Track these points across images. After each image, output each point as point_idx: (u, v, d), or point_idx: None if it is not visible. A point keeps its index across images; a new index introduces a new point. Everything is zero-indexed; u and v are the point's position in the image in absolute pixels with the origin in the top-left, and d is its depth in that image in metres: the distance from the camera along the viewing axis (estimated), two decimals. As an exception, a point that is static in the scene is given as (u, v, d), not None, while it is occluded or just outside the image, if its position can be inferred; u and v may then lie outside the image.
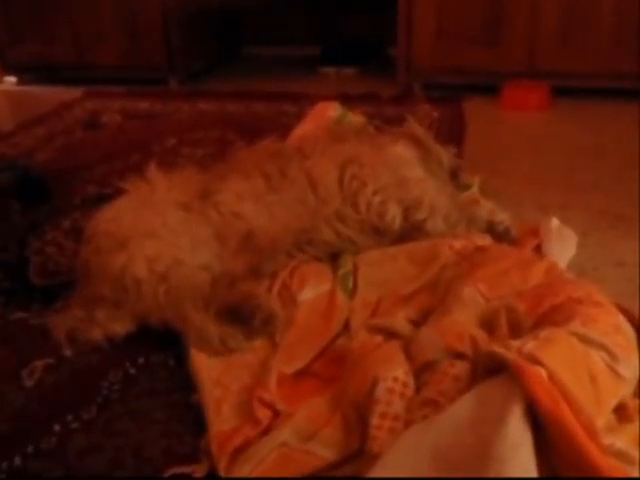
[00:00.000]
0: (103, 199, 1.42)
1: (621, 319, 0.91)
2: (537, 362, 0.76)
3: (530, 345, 0.79)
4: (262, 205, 1.25)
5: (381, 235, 1.31)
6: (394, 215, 1.30)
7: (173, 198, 1.24)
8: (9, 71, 3.00)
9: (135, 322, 1.14)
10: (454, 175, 1.50)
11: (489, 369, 0.80)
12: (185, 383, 1.03)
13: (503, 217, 1.38)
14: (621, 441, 0.78)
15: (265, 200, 1.26)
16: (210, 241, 1.20)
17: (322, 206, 1.28)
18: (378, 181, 1.32)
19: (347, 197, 1.30)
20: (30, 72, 2.99)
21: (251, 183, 1.28)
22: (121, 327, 1.13)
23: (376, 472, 0.74)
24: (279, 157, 1.34)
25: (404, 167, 1.37)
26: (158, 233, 1.16)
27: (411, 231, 1.31)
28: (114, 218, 1.20)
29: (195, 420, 0.95)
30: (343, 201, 1.30)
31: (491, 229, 1.35)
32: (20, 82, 3.01)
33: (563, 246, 1.30)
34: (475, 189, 1.60)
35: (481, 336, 0.90)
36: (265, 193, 1.27)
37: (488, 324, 0.95)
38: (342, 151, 1.36)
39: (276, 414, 0.93)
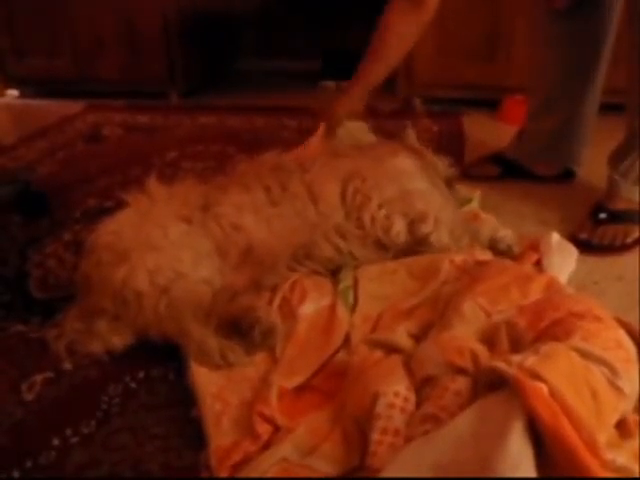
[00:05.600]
0: (104, 212, 1.42)
1: (622, 334, 0.91)
2: (538, 377, 0.76)
3: (531, 360, 0.79)
4: (262, 218, 1.25)
5: (385, 250, 1.31)
6: (399, 229, 1.29)
7: (174, 210, 1.24)
8: (11, 84, 3.01)
9: (135, 335, 1.14)
10: (449, 185, 1.50)
11: (490, 384, 0.80)
12: (185, 397, 1.02)
13: (506, 234, 1.37)
14: (622, 457, 0.78)
15: (265, 213, 1.26)
16: (211, 254, 1.20)
17: (323, 221, 1.28)
18: (382, 195, 1.31)
19: (350, 212, 1.30)
20: (32, 85, 3.00)
21: (251, 196, 1.28)
22: (120, 340, 1.13)
23: (377, 488, 0.74)
24: (280, 170, 1.34)
25: (407, 179, 1.37)
26: (159, 246, 1.16)
27: (415, 245, 1.31)
28: (115, 231, 1.20)
29: (195, 434, 0.95)
30: (346, 216, 1.30)
31: (493, 246, 1.35)
32: (22, 95, 3.02)
33: (563, 260, 1.30)
34: (475, 203, 1.60)
35: (482, 351, 0.90)
36: (265, 206, 1.27)
37: (489, 339, 0.95)
38: (343, 165, 1.36)
39: (276, 429, 0.93)
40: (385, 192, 1.32)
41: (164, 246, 1.16)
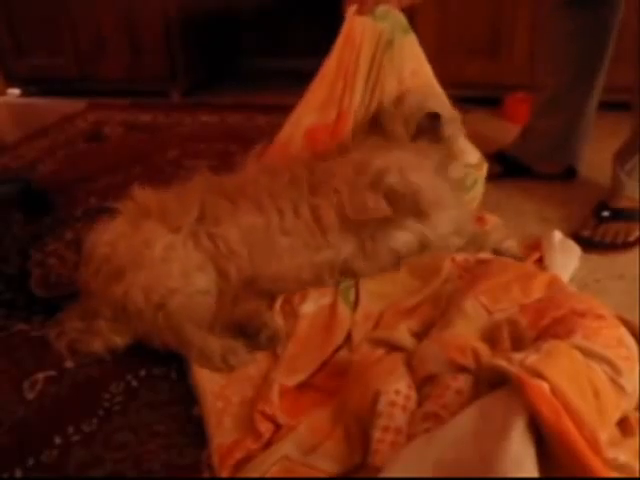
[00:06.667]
0: (104, 211, 1.42)
1: (623, 332, 0.91)
2: (539, 375, 0.76)
3: (532, 358, 0.79)
4: (274, 250, 1.20)
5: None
6: (374, 199, 1.19)
7: (164, 223, 1.19)
8: (13, 83, 3.01)
9: (135, 337, 1.14)
10: (429, 128, 1.38)
11: (491, 382, 0.80)
12: (186, 396, 1.03)
13: (510, 245, 1.34)
14: (623, 455, 0.78)
15: (277, 245, 1.20)
16: (204, 267, 1.17)
17: (332, 255, 1.22)
18: (348, 181, 1.23)
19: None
20: (33, 84, 3.00)
21: (264, 218, 1.21)
22: (121, 339, 1.13)
23: (378, 486, 0.74)
24: (293, 187, 1.26)
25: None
26: (148, 264, 1.13)
27: (395, 206, 1.20)
28: (110, 242, 1.17)
29: (196, 433, 0.95)
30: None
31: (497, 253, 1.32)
32: (23, 94, 3.02)
33: (566, 259, 1.30)
34: (480, 186, 1.56)
35: (483, 349, 0.90)
36: (277, 234, 1.21)
37: (490, 337, 0.95)
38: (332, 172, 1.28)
39: (278, 427, 0.93)
40: (349, 177, 1.23)
41: (153, 264, 1.13)
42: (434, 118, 1.39)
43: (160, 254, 1.14)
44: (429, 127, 1.38)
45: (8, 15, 2.82)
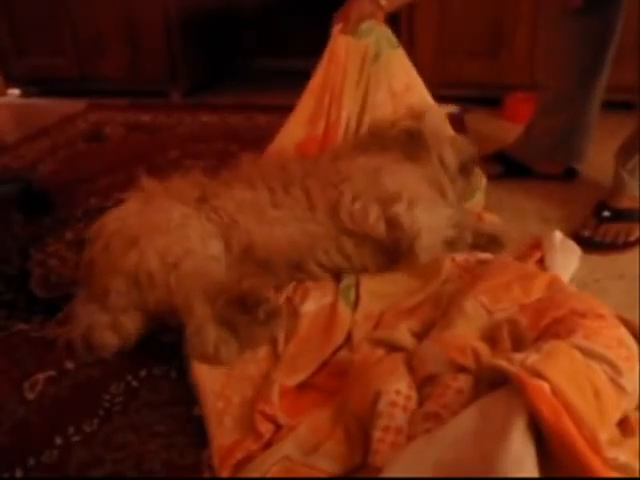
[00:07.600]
0: (105, 211, 1.42)
1: (624, 332, 0.91)
2: (540, 375, 0.76)
3: (533, 358, 0.79)
4: (264, 220, 1.24)
5: (386, 256, 1.28)
6: (376, 217, 1.24)
7: (175, 198, 1.25)
8: (12, 84, 3.01)
9: (144, 316, 1.14)
10: (468, 169, 1.45)
11: (491, 382, 0.80)
12: (187, 396, 1.02)
13: (490, 227, 1.36)
14: (624, 455, 0.78)
15: (268, 215, 1.25)
16: (217, 237, 1.21)
17: (321, 231, 1.25)
18: (354, 186, 1.27)
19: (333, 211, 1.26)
20: (33, 85, 3.00)
21: (255, 194, 1.27)
22: (132, 321, 1.13)
23: (378, 486, 0.74)
24: (284, 172, 1.32)
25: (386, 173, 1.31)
26: (166, 229, 1.17)
27: (392, 232, 1.25)
28: (121, 218, 1.21)
29: (197, 433, 0.95)
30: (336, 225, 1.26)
31: (476, 242, 1.33)
32: (23, 95, 3.02)
33: (566, 259, 1.30)
34: (480, 194, 1.58)
35: (483, 349, 0.90)
36: (268, 206, 1.26)
37: (490, 337, 0.95)
38: (339, 170, 1.32)
39: (278, 427, 0.93)
40: (357, 182, 1.28)
41: (170, 228, 1.17)
42: (473, 161, 1.47)
43: (178, 220, 1.19)
44: (464, 168, 1.45)
45: (8, 15, 2.82)
